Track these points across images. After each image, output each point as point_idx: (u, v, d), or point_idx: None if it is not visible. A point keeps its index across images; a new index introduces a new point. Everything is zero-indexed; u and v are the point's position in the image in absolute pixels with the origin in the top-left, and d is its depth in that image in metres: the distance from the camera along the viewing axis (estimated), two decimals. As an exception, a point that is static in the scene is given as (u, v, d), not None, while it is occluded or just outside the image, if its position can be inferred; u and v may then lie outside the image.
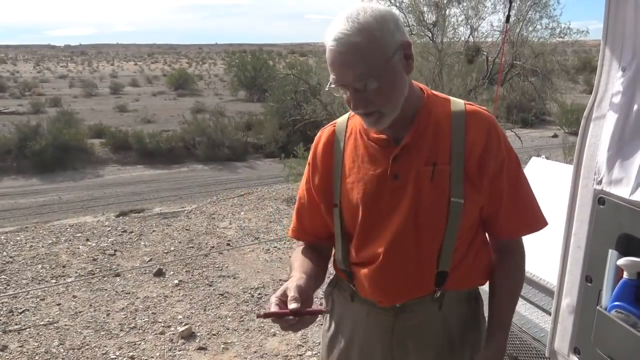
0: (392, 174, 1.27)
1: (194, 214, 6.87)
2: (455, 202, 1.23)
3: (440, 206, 1.24)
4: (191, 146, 19.06)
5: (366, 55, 1.16)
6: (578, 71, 30.45)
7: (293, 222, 1.51)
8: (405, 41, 1.22)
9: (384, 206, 1.28)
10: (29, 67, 75.07)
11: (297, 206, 1.50)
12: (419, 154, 1.26)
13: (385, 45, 1.18)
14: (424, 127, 1.27)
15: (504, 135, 1.32)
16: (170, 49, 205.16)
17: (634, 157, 1.24)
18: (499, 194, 1.30)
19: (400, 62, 1.21)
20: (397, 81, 1.22)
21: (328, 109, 13.23)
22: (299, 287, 1.18)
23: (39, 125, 18.17)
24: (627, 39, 1.26)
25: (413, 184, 1.25)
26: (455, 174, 1.24)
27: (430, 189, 1.24)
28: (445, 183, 1.24)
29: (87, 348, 3.40)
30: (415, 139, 1.26)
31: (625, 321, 1.23)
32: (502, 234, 1.37)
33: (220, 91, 38.75)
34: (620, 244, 1.27)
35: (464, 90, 10.46)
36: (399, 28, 1.22)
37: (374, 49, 1.17)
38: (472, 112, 1.29)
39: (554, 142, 19.25)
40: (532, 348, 2.02)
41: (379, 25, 1.17)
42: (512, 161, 1.31)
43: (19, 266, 4.79)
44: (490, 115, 1.31)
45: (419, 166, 1.25)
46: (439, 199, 1.24)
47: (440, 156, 1.25)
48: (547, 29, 11.11)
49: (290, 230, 1.53)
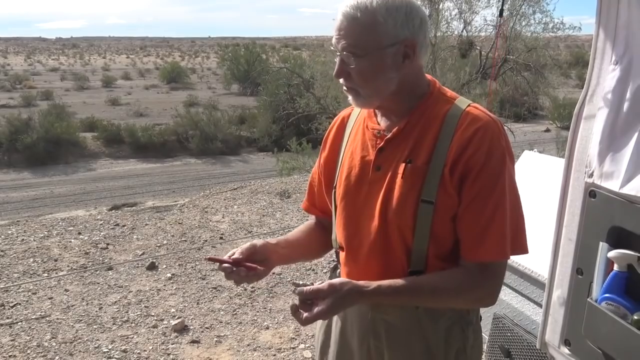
0: (375, 165, 1.29)
1: (186, 208, 6.85)
2: (425, 202, 1.21)
3: (407, 204, 1.22)
4: (184, 140, 19.01)
5: (359, 32, 1.19)
6: (571, 66, 30.58)
7: (305, 195, 1.58)
8: (410, 40, 1.21)
9: (363, 196, 1.30)
10: (19, 60, 74.44)
11: (310, 180, 1.55)
12: (402, 149, 1.25)
13: (382, 32, 1.19)
14: (414, 124, 1.26)
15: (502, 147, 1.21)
16: (162, 42, 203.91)
17: (625, 150, 1.25)
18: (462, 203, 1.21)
19: (394, 57, 1.21)
20: (381, 72, 1.22)
21: (321, 102, 13.22)
22: (252, 245, 1.32)
23: (31, 119, 18.05)
24: (620, 33, 1.27)
25: (389, 178, 1.26)
26: (432, 174, 1.21)
27: (401, 186, 1.24)
28: (418, 182, 1.22)
29: (80, 342, 3.40)
30: (402, 134, 1.26)
31: (615, 313, 1.24)
32: (462, 254, 1.24)
33: (214, 85, 38.60)
34: (611, 236, 1.28)
35: (457, 84, 10.48)
36: (410, 25, 1.20)
37: (369, 30, 1.18)
38: (468, 115, 1.23)
39: (547, 136, 19.35)
40: (523, 340, 2.04)
41: (388, 12, 1.18)
42: (489, 173, 1.19)
43: (10, 260, 4.77)
44: (490, 122, 1.22)
45: (399, 161, 1.25)
46: (406, 196, 1.22)
47: (421, 155, 1.23)
48: (540, 23, 11.16)
49: (302, 203, 1.60)
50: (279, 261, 1.43)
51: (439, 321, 1.29)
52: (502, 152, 1.21)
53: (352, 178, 1.33)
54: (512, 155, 1.26)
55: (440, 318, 1.29)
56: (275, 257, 1.39)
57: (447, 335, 1.30)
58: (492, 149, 1.20)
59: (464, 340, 1.32)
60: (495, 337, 2.18)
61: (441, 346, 1.30)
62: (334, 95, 12.40)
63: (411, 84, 1.27)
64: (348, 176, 1.34)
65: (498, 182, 1.20)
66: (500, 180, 1.20)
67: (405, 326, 1.30)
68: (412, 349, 1.31)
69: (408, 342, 1.31)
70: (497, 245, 1.21)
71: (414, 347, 1.31)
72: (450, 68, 11.03)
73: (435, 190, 1.20)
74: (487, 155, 1.19)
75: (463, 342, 1.32)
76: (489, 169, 1.19)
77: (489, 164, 1.19)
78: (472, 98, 9.77)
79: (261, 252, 1.34)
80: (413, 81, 1.27)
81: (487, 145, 1.19)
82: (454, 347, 1.32)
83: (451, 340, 1.31)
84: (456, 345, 1.32)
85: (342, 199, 1.35)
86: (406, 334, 1.31)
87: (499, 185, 1.20)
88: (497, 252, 1.22)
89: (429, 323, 1.29)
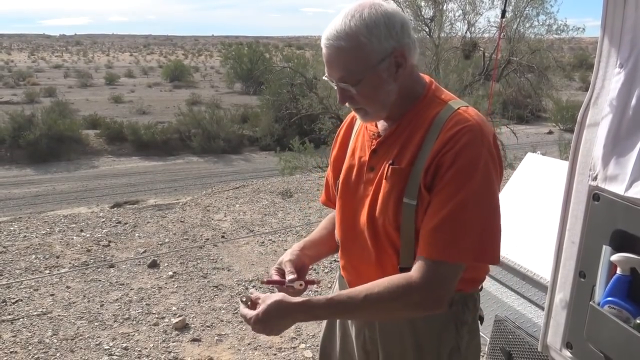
0: (369, 166, 1.33)
1: (188, 206, 6.86)
2: (407, 203, 1.23)
3: (389, 205, 1.25)
4: (186, 138, 19.03)
5: (348, 61, 1.21)
6: (574, 68, 30.54)
7: (323, 189, 1.63)
8: (398, 49, 1.22)
9: (359, 195, 1.35)
10: (23, 57, 74.59)
11: (326, 174, 1.60)
12: (391, 151, 1.28)
13: (370, 52, 1.20)
14: (404, 127, 1.28)
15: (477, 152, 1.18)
16: (166, 40, 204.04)
17: (630, 153, 1.24)
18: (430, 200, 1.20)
19: (388, 70, 1.23)
20: (380, 88, 1.24)
21: (324, 102, 13.20)
22: (291, 261, 1.41)
23: (34, 115, 18.10)
24: (626, 35, 1.26)
25: (377, 179, 1.29)
26: (414, 175, 1.22)
27: (384, 187, 1.27)
28: (400, 183, 1.24)
29: (81, 338, 3.40)
30: (392, 136, 1.30)
31: (617, 316, 1.23)
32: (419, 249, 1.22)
33: (216, 83, 38.63)
34: (614, 240, 1.28)
35: (460, 85, 10.47)
36: (393, 34, 1.20)
37: (357, 56, 1.20)
38: (454, 117, 1.22)
39: (549, 138, 19.33)
40: (524, 342, 2.04)
41: (368, 30, 1.18)
42: (457, 173, 1.17)
43: (12, 256, 4.77)
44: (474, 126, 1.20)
45: (386, 163, 1.28)
46: (388, 197, 1.25)
47: (406, 157, 1.25)
48: (543, 25, 11.13)
49: (320, 197, 1.66)
50: (310, 263, 1.50)
51: (430, 318, 1.30)
52: (475, 156, 1.18)
53: (350, 177, 1.38)
54: (496, 163, 1.23)
55: (433, 316, 1.29)
56: (307, 261, 1.48)
57: (439, 332, 1.33)
58: (465, 150, 1.18)
59: (458, 339, 1.34)
60: (496, 339, 2.18)
61: (433, 343, 1.33)
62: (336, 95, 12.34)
63: (408, 88, 1.29)
64: (347, 175, 1.39)
65: (466, 185, 1.17)
66: (470, 183, 1.17)
67: (397, 321, 1.34)
68: (403, 342, 1.34)
69: (400, 335, 1.34)
70: (447, 245, 1.17)
71: (405, 341, 1.34)
72: (454, 69, 11.02)
73: (416, 191, 1.22)
74: (457, 155, 1.17)
75: (457, 341, 1.34)
76: (457, 169, 1.17)
77: (457, 163, 1.17)
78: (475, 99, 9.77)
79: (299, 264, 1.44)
80: (409, 85, 1.29)
81: (460, 146, 1.18)
82: (448, 345, 1.33)
83: (444, 338, 1.33)
84: (450, 343, 1.33)
85: (341, 197, 1.41)
86: (398, 328, 1.34)
87: (466, 187, 1.17)
88: (444, 252, 1.17)
89: (420, 319, 1.31)
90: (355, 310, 1.24)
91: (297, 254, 1.45)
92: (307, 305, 1.23)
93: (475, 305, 1.38)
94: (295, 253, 1.45)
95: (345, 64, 1.22)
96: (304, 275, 1.43)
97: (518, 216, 2.24)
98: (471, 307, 1.36)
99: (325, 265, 4.55)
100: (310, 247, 1.51)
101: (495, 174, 1.23)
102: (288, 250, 1.48)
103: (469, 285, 1.34)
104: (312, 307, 1.23)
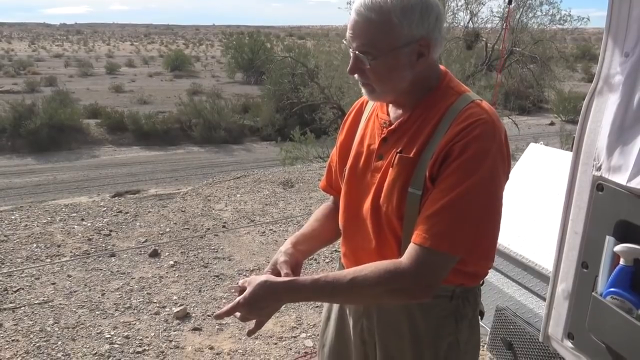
0: (378, 154, 1.31)
1: (189, 196, 6.85)
2: (413, 192, 1.21)
3: (394, 193, 1.24)
4: (187, 128, 19.01)
5: (373, 33, 1.19)
6: (577, 59, 30.40)
7: (324, 174, 1.60)
8: (425, 38, 1.20)
9: (365, 182, 1.33)
10: (24, 46, 74.33)
11: (329, 160, 1.57)
12: (401, 140, 1.27)
13: (397, 34, 1.18)
14: (417, 117, 1.27)
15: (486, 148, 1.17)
16: (167, 29, 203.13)
17: (634, 144, 1.23)
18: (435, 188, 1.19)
19: (408, 56, 1.21)
20: (395, 71, 1.22)
21: (325, 92, 13.17)
22: (286, 262, 1.38)
23: (34, 105, 18.09)
24: (632, 24, 1.25)
25: (385, 167, 1.28)
26: (422, 165, 1.21)
27: (390, 175, 1.26)
28: (406, 172, 1.23)
29: (82, 327, 3.41)
30: (404, 126, 1.28)
31: (620, 307, 1.23)
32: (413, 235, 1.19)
33: (217, 73, 38.50)
34: (618, 230, 1.27)
35: (462, 76, 10.42)
36: (426, 24, 1.19)
37: (384, 32, 1.18)
38: (467, 111, 1.21)
39: (551, 129, 19.28)
40: (525, 332, 2.04)
41: (402, 12, 1.16)
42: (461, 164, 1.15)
43: (14, 245, 4.78)
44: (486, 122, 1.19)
45: (395, 152, 1.27)
46: (393, 185, 1.24)
47: (415, 146, 1.23)
48: (547, 15, 11.07)
49: (320, 182, 1.63)
50: (303, 259, 1.48)
51: (429, 311, 1.30)
52: (484, 150, 1.16)
53: (358, 164, 1.37)
54: (505, 162, 1.22)
55: (432, 309, 1.29)
56: (301, 258, 1.45)
57: (438, 325, 1.31)
58: (474, 143, 1.16)
59: (457, 333, 1.33)
60: (497, 330, 2.18)
61: (431, 335, 1.32)
62: (338, 85, 12.35)
63: (423, 79, 1.27)
64: (355, 162, 1.38)
65: (470, 177, 1.15)
66: (475, 176, 1.15)
67: (394, 311, 1.33)
68: (401, 334, 1.33)
69: (397, 327, 1.33)
70: (441, 235, 1.15)
71: (402, 333, 1.33)
72: (456, 59, 10.97)
73: (422, 181, 1.20)
74: (466, 146, 1.15)
75: (456, 336, 1.33)
76: (464, 160, 1.15)
77: (465, 155, 1.15)
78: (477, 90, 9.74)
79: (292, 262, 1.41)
80: (425, 76, 1.27)
81: (470, 138, 1.16)
82: (446, 339, 1.32)
83: (442, 332, 1.32)
84: (448, 337, 1.32)
85: (346, 183, 1.39)
86: (395, 319, 1.33)
87: (470, 180, 1.15)
88: (437, 240, 1.15)
89: (419, 312, 1.30)
90: (340, 292, 1.22)
91: (290, 252, 1.42)
92: (293, 284, 1.23)
93: (476, 299, 1.37)
94: (289, 252, 1.42)
95: (369, 37, 1.19)
96: (298, 272, 1.41)
97: (520, 207, 2.23)
98: (472, 302, 1.35)
99: (326, 255, 4.56)
100: (302, 242, 1.48)
101: (503, 173, 1.21)
102: (281, 249, 1.44)
103: (471, 280, 1.32)
104: (298, 286, 1.23)
